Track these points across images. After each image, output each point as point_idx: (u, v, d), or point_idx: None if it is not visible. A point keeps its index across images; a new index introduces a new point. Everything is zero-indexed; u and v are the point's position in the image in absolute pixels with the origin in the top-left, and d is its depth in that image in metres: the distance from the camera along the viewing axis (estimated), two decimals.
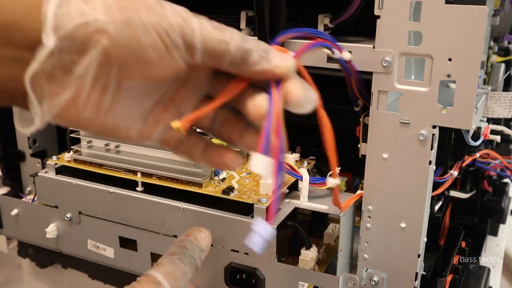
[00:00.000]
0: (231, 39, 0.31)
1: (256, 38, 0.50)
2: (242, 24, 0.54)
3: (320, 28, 0.50)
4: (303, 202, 0.52)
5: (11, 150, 0.74)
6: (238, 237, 0.50)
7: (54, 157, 0.60)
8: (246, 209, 0.50)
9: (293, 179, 0.52)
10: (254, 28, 0.52)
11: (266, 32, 0.49)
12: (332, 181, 0.43)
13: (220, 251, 0.51)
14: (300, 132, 0.58)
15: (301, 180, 0.51)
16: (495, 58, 0.67)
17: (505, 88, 0.67)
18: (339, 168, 0.52)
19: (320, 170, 0.59)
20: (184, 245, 0.43)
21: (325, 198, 0.52)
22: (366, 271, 0.50)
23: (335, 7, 0.49)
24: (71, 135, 0.60)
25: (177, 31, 0.30)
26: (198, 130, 0.38)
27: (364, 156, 0.48)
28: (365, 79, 0.47)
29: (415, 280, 0.48)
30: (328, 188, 0.53)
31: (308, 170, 0.52)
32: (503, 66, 0.66)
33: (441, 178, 0.53)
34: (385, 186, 0.48)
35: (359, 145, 0.49)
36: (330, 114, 0.36)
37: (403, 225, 0.47)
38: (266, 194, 0.51)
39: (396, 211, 0.48)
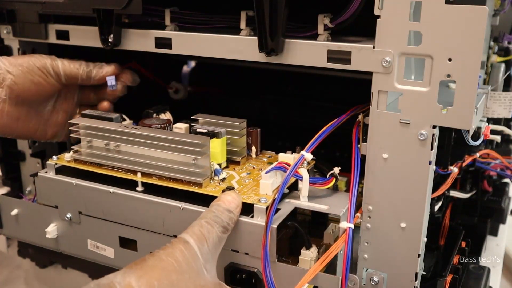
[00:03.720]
0: (80, 66, 0.63)
1: (258, 37, 0.50)
2: (242, 24, 0.54)
3: (320, 28, 0.50)
4: (303, 202, 0.51)
5: (11, 150, 0.74)
6: (238, 237, 0.50)
7: (54, 157, 0.60)
8: (246, 209, 0.50)
9: (293, 179, 0.52)
10: (254, 28, 0.52)
11: (266, 32, 0.49)
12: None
13: (220, 251, 0.51)
14: (299, 132, 0.58)
15: (301, 180, 0.50)
16: (495, 58, 0.67)
17: (505, 88, 0.67)
18: (339, 168, 0.53)
19: (320, 170, 0.59)
20: (211, 209, 0.48)
21: (325, 198, 0.52)
22: (366, 271, 0.50)
23: (335, 7, 0.49)
24: (71, 135, 0.60)
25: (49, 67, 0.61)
26: None
27: (364, 156, 0.48)
28: (365, 79, 0.47)
29: (415, 280, 0.48)
30: (328, 188, 0.53)
31: (308, 170, 0.52)
32: (503, 66, 0.67)
33: (444, 171, 0.54)
34: (385, 186, 0.48)
35: (359, 145, 0.49)
36: (330, 114, 0.36)
37: (403, 225, 0.47)
38: (266, 194, 0.51)
39: (396, 211, 0.48)
